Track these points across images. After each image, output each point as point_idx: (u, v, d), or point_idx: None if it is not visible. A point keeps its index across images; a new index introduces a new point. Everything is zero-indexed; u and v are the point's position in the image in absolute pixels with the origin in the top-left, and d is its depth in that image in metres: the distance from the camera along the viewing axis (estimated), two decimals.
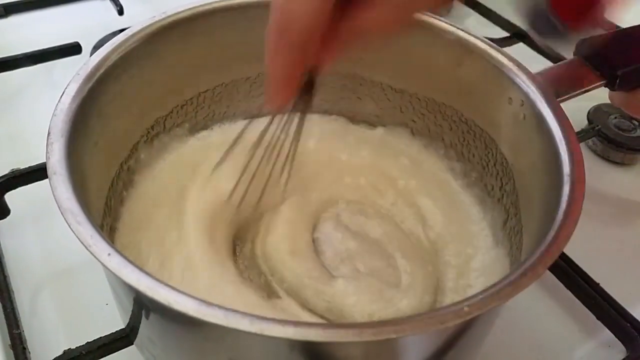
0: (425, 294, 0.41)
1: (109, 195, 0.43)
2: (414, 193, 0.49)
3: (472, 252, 0.45)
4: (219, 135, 0.53)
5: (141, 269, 0.28)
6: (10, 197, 0.51)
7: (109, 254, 0.29)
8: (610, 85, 0.43)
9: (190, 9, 0.45)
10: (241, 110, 0.53)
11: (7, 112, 0.63)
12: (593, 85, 0.43)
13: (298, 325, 0.26)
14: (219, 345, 0.31)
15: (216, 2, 0.46)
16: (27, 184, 0.51)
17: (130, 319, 0.36)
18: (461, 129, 0.49)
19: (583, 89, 0.43)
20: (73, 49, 0.67)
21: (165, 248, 0.43)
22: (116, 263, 0.29)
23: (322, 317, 0.40)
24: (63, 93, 0.37)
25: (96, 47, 0.67)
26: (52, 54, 0.67)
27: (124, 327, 0.40)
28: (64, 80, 0.39)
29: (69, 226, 0.30)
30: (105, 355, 0.40)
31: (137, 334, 0.37)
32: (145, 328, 0.35)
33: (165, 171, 0.49)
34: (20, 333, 0.42)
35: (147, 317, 0.33)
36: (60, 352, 0.40)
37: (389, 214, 0.48)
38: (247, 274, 0.43)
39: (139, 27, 0.43)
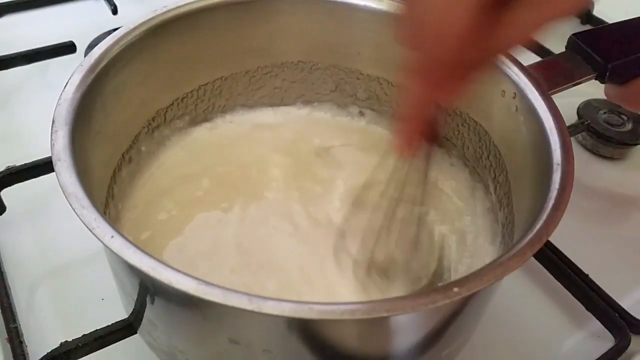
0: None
1: (110, 184, 0.44)
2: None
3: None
4: (219, 127, 0.54)
5: (143, 250, 0.29)
6: (6, 194, 0.52)
7: (112, 236, 0.30)
8: (601, 78, 0.44)
9: (190, 3, 0.46)
10: (240, 103, 0.55)
11: (1, 111, 0.64)
12: (584, 78, 0.44)
13: (294, 303, 0.27)
14: (218, 325, 0.32)
15: None
16: (22, 180, 0.52)
17: (135, 304, 0.37)
18: (456, 122, 0.49)
19: (574, 82, 0.44)
20: (67, 48, 0.68)
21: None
22: (119, 244, 0.30)
23: None
24: (67, 83, 0.38)
25: (90, 47, 0.68)
26: (46, 53, 0.67)
27: (123, 318, 0.41)
28: (59, 80, 0.39)
29: (74, 210, 0.31)
30: (101, 347, 0.41)
31: (141, 319, 0.38)
32: (149, 312, 0.36)
33: (166, 163, 0.50)
34: (17, 327, 0.43)
35: (151, 301, 0.34)
36: (56, 345, 0.40)
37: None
38: None
39: (141, 21, 0.44)
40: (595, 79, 0.45)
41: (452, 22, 0.28)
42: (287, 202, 0.48)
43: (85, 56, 0.42)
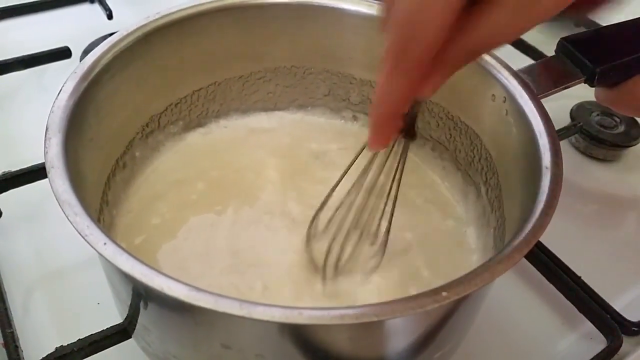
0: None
1: (105, 190, 0.44)
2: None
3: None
4: (213, 132, 0.54)
5: (136, 257, 0.30)
6: (2, 200, 0.52)
7: (105, 243, 0.30)
8: (590, 81, 0.44)
9: (183, 9, 0.47)
10: (234, 108, 0.55)
11: None
12: (573, 82, 0.44)
13: (284, 308, 0.27)
14: (211, 330, 0.32)
15: (209, 3, 0.47)
16: (18, 186, 0.52)
17: (129, 309, 0.37)
18: (448, 126, 0.50)
19: (563, 86, 0.44)
20: (63, 53, 0.68)
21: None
22: (112, 251, 0.30)
23: None
24: (60, 90, 0.39)
25: (86, 52, 0.68)
26: (42, 59, 0.67)
27: (117, 323, 0.41)
28: (55, 85, 0.39)
29: (67, 217, 0.32)
30: (96, 352, 0.41)
31: (135, 324, 0.38)
32: (143, 317, 0.36)
33: (161, 168, 0.50)
34: (12, 332, 0.43)
35: (144, 306, 0.35)
36: (52, 350, 0.41)
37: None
38: None
39: (134, 27, 0.44)
40: (584, 83, 0.45)
41: (431, 12, 0.28)
42: (283, 201, 0.49)
43: (80, 61, 0.42)
